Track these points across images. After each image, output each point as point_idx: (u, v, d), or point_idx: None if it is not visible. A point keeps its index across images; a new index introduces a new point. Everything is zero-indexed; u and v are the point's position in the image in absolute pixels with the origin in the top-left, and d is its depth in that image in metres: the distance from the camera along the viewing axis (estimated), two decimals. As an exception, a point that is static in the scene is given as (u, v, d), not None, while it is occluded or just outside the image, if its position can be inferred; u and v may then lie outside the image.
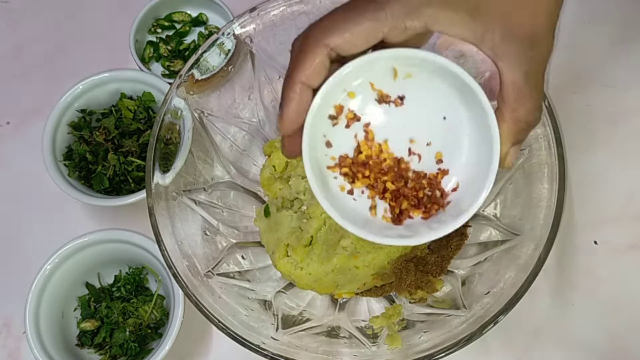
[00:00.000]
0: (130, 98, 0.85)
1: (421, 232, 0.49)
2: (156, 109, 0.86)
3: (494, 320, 0.65)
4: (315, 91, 0.46)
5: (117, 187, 0.83)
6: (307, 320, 0.75)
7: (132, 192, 0.80)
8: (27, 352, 0.76)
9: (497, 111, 0.47)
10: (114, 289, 0.81)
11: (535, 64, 0.46)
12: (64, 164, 0.82)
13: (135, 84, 0.85)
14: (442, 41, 0.78)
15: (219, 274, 0.74)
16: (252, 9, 0.75)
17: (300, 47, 0.45)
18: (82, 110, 0.84)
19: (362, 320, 0.76)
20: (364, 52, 0.46)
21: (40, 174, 0.82)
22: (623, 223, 0.82)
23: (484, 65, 0.75)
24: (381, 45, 0.46)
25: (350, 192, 0.50)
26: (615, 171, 0.84)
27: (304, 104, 0.46)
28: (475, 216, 0.76)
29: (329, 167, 0.50)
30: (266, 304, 0.75)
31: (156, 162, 0.71)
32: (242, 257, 0.78)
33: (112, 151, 0.82)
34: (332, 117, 0.49)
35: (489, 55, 0.46)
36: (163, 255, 0.69)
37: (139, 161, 0.82)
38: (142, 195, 0.78)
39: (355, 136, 0.50)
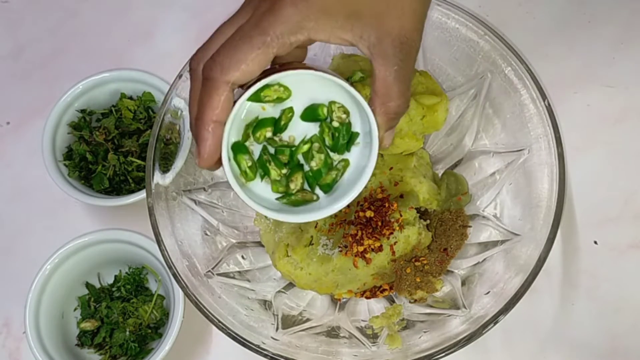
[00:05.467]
0: (130, 98, 0.85)
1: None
2: (156, 109, 0.86)
3: (494, 320, 0.65)
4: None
5: (117, 187, 0.83)
6: (307, 320, 0.75)
7: (132, 192, 0.80)
8: (27, 352, 0.76)
9: (370, 102, 0.53)
10: (114, 289, 0.82)
11: (404, 63, 0.51)
12: (64, 164, 0.82)
13: (135, 84, 0.85)
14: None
15: (219, 274, 0.74)
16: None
17: (204, 88, 0.50)
18: (82, 111, 0.84)
19: (362, 320, 0.76)
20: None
21: (40, 174, 0.82)
22: (623, 223, 0.82)
23: (482, 66, 0.75)
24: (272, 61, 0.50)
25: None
26: (615, 171, 0.84)
27: (218, 138, 0.51)
28: (475, 216, 0.77)
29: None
30: (266, 304, 0.75)
31: (156, 162, 0.71)
32: (242, 257, 0.78)
33: (112, 151, 0.82)
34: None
35: (366, 54, 0.50)
36: (163, 255, 0.69)
37: (139, 161, 0.82)
38: (142, 195, 0.78)
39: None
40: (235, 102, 0.51)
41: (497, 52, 0.73)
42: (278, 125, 0.55)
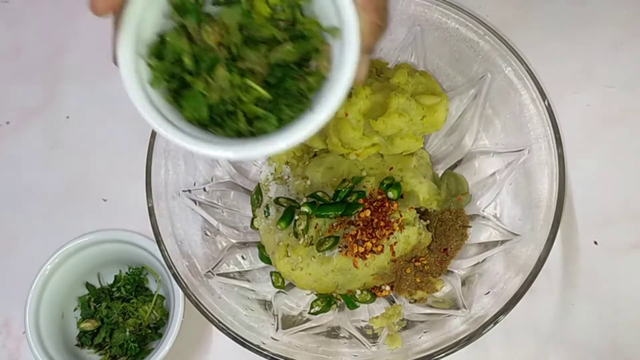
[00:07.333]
0: None
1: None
2: None
3: (494, 320, 0.65)
4: None
5: (219, 120, 0.49)
6: (307, 320, 0.75)
7: (240, 135, 0.49)
8: (27, 352, 0.76)
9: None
10: (114, 289, 0.81)
11: None
12: (149, 63, 0.48)
13: None
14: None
15: (219, 274, 0.74)
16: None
17: None
18: None
19: (362, 320, 0.76)
20: None
21: (40, 174, 0.82)
22: (623, 223, 0.82)
23: (482, 66, 0.75)
24: None
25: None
26: (615, 171, 0.84)
27: None
28: (476, 216, 0.77)
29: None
30: (266, 304, 0.75)
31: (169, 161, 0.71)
32: (242, 257, 0.78)
33: (225, 63, 0.48)
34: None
35: None
36: (163, 255, 0.69)
37: (262, 91, 0.48)
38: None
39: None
40: None
41: (497, 52, 0.73)
42: None
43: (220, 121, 0.49)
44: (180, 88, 0.48)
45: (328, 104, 0.45)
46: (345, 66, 0.45)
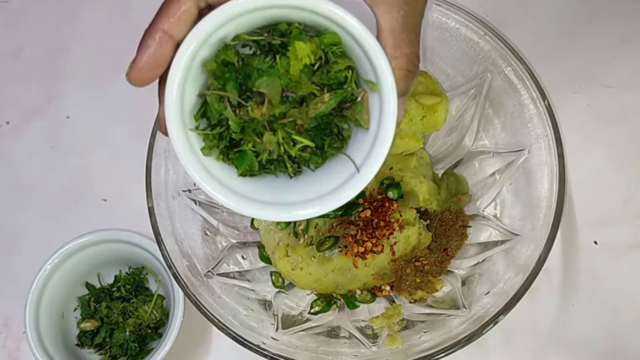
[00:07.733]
0: (305, 33, 0.45)
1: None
2: None
3: (494, 320, 0.65)
4: (178, 45, 0.43)
5: (269, 169, 0.50)
6: (307, 320, 0.75)
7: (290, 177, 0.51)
8: (27, 352, 0.76)
9: None
10: (114, 289, 0.82)
11: (412, 8, 0.44)
12: (198, 133, 0.47)
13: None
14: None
15: (219, 274, 0.74)
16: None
17: None
18: (226, 46, 0.45)
19: (362, 320, 0.76)
20: None
21: (40, 174, 0.82)
22: (623, 223, 0.82)
23: (482, 66, 0.75)
24: None
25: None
26: (615, 171, 0.84)
27: (162, 55, 0.43)
28: (476, 216, 0.77)
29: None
30: (266, 304, 0.75)
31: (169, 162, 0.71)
32: (242, 257, 0.78)
33: (270, 127, 0.47)
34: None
35: (365, 1, 0.44)
36: (163, 255, 0.69)
37: (307, 141, 0.48)
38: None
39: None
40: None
41: (497, 52, 0.73)
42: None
43: (269, 167, 0.50)
44: (229, 146, 0.48)
45: (373, 166, 0.45)
46: (386, 129, 0.44)
